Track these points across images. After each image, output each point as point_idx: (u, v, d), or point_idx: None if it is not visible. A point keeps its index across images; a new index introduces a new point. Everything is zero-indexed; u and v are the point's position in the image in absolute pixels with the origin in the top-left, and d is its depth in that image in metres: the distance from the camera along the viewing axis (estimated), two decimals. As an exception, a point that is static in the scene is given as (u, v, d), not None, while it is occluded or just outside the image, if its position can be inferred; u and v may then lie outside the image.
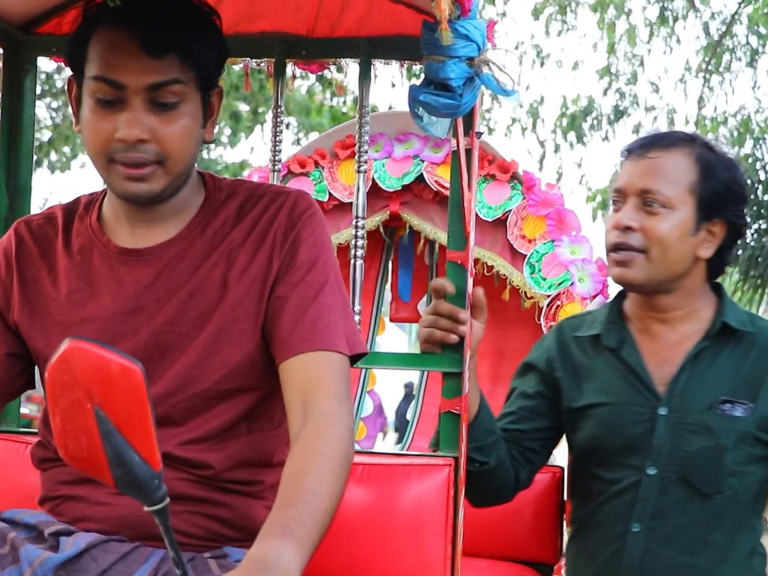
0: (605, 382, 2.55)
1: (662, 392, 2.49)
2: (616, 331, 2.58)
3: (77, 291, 1.99)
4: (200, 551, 1.93)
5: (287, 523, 1.59)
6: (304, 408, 1.81)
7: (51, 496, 2.00)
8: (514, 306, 4.23)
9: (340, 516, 2.28)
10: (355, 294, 2.42)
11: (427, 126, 2.08)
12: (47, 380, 1.44)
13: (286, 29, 2.51)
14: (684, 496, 2.45)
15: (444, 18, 1.83)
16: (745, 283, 13.69)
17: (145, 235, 1.99)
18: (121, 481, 1.45)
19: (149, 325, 1.94)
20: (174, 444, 1.91)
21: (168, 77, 1.84)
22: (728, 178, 2.50)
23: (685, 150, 2.50)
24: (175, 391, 1.93)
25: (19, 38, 2.56)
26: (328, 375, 1.86)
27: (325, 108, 13.99)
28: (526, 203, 4.08)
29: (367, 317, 4.80)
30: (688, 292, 2.54)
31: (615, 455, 2.50)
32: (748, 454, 2.45)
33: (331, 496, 1.68)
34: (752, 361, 2.50)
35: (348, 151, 4.27)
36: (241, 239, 1.96)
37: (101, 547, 1.88)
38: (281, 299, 1.91)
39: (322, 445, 1.74)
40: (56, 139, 13.78)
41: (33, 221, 2.08)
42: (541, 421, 2.61)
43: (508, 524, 3.42)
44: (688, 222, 2.47)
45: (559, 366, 2.62)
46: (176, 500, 1.87)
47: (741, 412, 2.45)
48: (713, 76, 14.51)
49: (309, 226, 1.95)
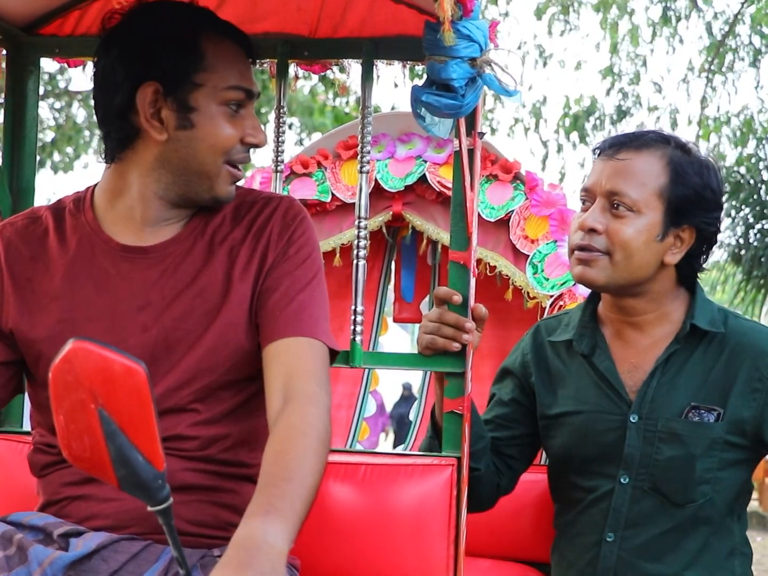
0: (578, 389, 2.52)
1: (633, 399, 2.46)
2: (589, 336, 2.54)
3: (81, 288, 2.02)
4: (210, 546, 1.97)
5: (271, 501, 1.63)
6: (285, 389, 1.87)
7: (55, 499, 2.01)
8: (516, 306, 4.22)
9: (343, 516, 2.30)
10: (357, 294, 2.42)
11: (429, 126, 2.08)
12: (51, 381, 1.44)
13: (288, 30, 2.52)
14: (656, 505, 2.42)
15: (446, 18, 1.83)
16: (748, 283, 13.69)
17: (145, 233, 2.05)
18: (125, 481, 1.46)
19: (158, 321, 2.00)
20: (185, 426, 1.98)
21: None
22: (699, 184, 2.42)
23: (657, 152, 2.43)
24: (183, 385, 1.99)
25: (22, 39, 2.56)
26: (309, 359, 1.93)
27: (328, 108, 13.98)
28: (529, 203, 4.07)
29: (369, 318, 4.79)
30: (656, 296, 2.48)
31: (589, 463, 2.48)
32: (719, 460, 2.41)
33: (313, 473, 1.73)
34: (722, 364, 2.45)
35: (351, 152, 4.26)
36: (241, 237, 2.05)
37: (112, 547, 1.90)
38: (269, 290, 2.01)
39: (303, 425, 1.80)
40: (59, 139, 13.78)
41: (17, 222, 2.11)
42: (518, 429, 2.60)
43: (510, 524, 3.41)
44: (654, 227, 2.41)
45: (534, 371, 2.60)
46: (186, 490, 1.93)
47: (710, 418, 2.41)
48: (716, 76, 14.51)
49: (301, 227, 2.06)
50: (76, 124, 13.75)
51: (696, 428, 2.40)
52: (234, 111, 2.01)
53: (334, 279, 4.57)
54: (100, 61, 2.01)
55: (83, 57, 2.63)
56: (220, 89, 1.99)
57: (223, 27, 2.03)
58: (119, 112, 1.98)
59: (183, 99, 1.97)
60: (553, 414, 2.55)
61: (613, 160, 2.44)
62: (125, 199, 2.05)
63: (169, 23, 1.98)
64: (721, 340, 2.47)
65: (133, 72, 1.96)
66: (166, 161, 2.00)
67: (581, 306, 2.62)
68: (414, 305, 4.82)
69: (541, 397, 2.57)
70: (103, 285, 2.02)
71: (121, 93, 1.97)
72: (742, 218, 13.59)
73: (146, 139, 2.00)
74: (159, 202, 2.04)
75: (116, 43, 1.98)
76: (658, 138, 2.47)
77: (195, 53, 1.97)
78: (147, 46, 1.96)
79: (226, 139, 2.00)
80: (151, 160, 2.01)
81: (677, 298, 2.51)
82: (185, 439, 1.98)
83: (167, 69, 1.95)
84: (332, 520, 2.31)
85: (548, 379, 2.58)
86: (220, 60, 1.99)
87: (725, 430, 2.41)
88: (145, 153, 2.01)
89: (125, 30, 2.00)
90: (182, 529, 1.92)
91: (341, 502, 2.32)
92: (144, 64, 1.95)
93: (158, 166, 2.01)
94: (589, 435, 2.48)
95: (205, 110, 1.98)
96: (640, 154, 2.43)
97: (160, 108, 1.97)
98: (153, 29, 1.97)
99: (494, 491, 2.56)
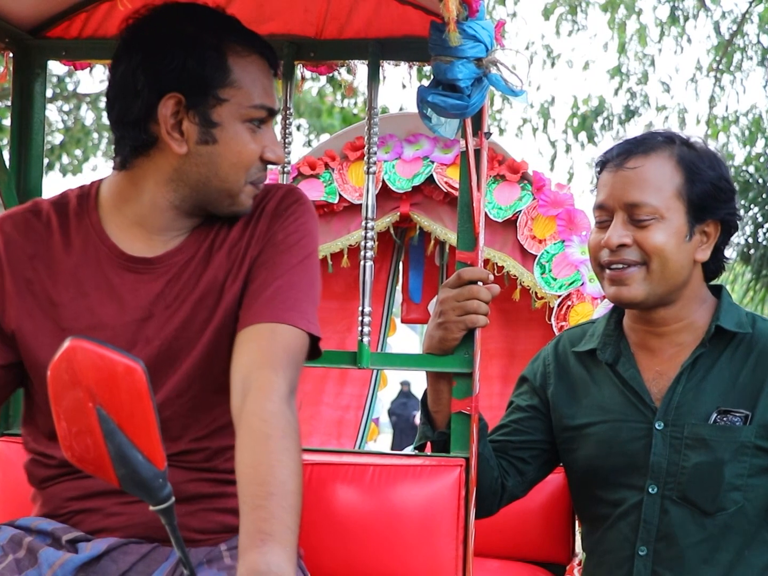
0: (603, 399, 2.48)
1: (658, 406, 2.41)
2: (613, 344, 2.50)
3: (84, 296, 1.98)
4: (215, 543, 1.97)
5: (261, 527, 1.59)
6: (243, 382, 1.81)
7: (58, 513, 1.99)
8: (524, 306, 4.22)
9: (352, 517, 2.30)
10: (365, 295, 2.42)
11: (435, 127, 2.08)
12: (49, 379, 1.44)
13: (294, 31, 2.52)
14: (686, 515, 2.36)
15: (452, 19, 1.83)
16: (757, 282, 13.66)
17: (152, 242, 2.00)
18: (125, 480, 1.45)
19: (161, 333, 1.97)
20: (189, 440, 1.97)
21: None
22: (714, 176, 2.38)
23: (665, 153, 2.38)
24: (182, 392, 1.96)
25: (29, 42, 2.56)
26: (270, 345, 1.86)
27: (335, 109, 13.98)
28: (536, 203, 4.07)
29: (377, 319, 4.80)
30: (687, 301, 2.43)
31: (615, 475, 2.43)
32: (750, 466, 2.35)
33: (291, 476, 1.68)
34: (750, 367, 2.39)
35: (358, 153, 4.27)
36: (238, 236, 2.00)
37: (121, 549, 1.90)
38: (252, 280, 1.96)
39: (263, 426, 1.73)
40: (68, 142, 13.78)
41: (17, 215, 2.04)
42: (532, 435, 2.56)
43: (519, 524, 3.41)
44: (681, 229, 2.36)
45: (554, 382, 2.56)
46: (191, 500, 1.93)
47: (738, 421, 2.35)
48: (724, 75, 14.48)
49: (294, 214, 2.01)
50: (85, 127, 13.76)
51: (723, 432, 2.35)
52: (256, 127, 1.97)
53: (341, 280, 4.58)
54: (120, 65, 1.94)
55: (90, 59, 2.64)
56: (244, 107, 1.94)
57: (248, 38, 1.98)
58: (136, 120, 1.92)
59: (206, 113, 1.92)
60: (577, 425, 2.50)
61: (623, 170, 2.38)
62: (134, 206, 1.99)
63: (194, 32, 1.92)
64: (749, 341, 2.42)
65: (155, 81, 1.90)
66: (184, 174, 1.95)
67: (606, 316, 2.58)
68: (422, 306, 4.82)
69: (563, 409, 2.53)
70: (108, 295, 1.98)
71: (140, 100, 1.91)
72: (751, 217, 13.56)
73: (164, 149, 1.94)
74: (172, 212, 1.99)
75: (139, 48, 1.92)
76: (663, 138, 2.42)
77: (221, 67, 1.92)
78: (172, 55, 1.90)
79: (248, 156, 1.96)
80: (168, 171, 1.96)
81: (704, 303, 2.46)
82: (190, 453, 1.97)
83: (192, 82, 1.90)
84: (341, 521, 2.31)
85: (571, 389, 2.54)
86: (246, 76, 1.95)
87: (755, 434, 2.34)
88: (161, 163, 1.96)
89: (148, 35, 1.93)
90: (189, 537, 1.92)
91: (350, 503, 2.32)
92: (168, 74, 1.89)
93: (176, 178, 1.96)
94: (614, 445, 2.43)
95: (228, 126, 1.94)
96: (649, 158, 2.38)
97: (181, 120, 1.92)
98: (178, 37, 1.91)
99: (499, 495, 2.52)
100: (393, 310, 5.06)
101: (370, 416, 4.89)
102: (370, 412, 4.88)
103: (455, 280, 2.31)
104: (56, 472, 1.97)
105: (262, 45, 1.99)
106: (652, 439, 2.39)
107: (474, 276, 2.29)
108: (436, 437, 2.45)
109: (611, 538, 2.45)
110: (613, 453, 2.43)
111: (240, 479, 1.69)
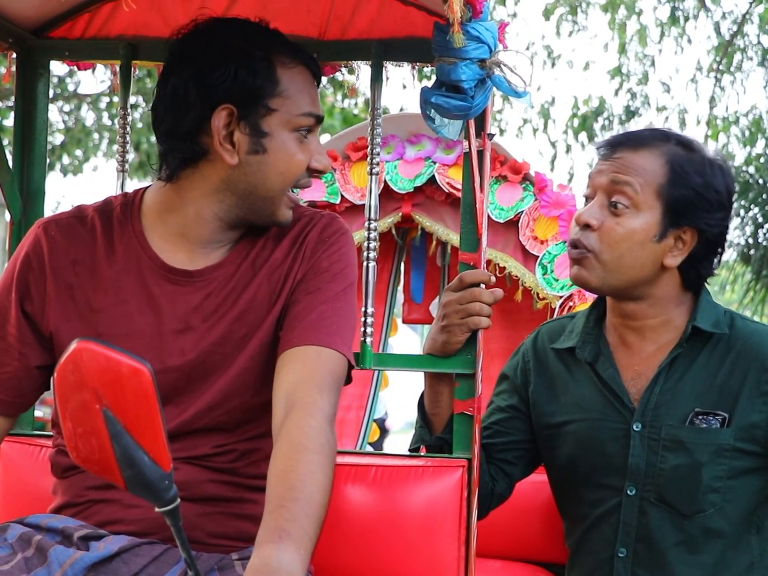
0: (582, 397, 2.47)
1: (636, 407, 2.40)
2: (592, 342, 2.48)
3: (124, 304, 2.00)
4: (229, 551, 1.97)
5: (282, 526, 1.61)
6: (286, 399, 1.85)
7: (77, 501, 2.01)
8: (526, 307, 4.22)
9: (354, 517, 2.30)
10: (367, 296, 2.42)
11: (438, 128, 2.09)
12: (55, 381, 1.45)
13: (297, 32, 2.52)
14: (664, 516, 2.36)
15: (456, 20, 1.84)
16: (757, 283, 13.64)
17: (194, 254, 2.03)
18: (131, 481, 1.46)
19: (197, 346, 1.99)
20: (216, 444, 1.99)
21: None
22: (700, 184, 2.34)
23: (656, 150, 2.36)
24: (215, 405, 1.99)
25: (32, 42, 2.57)
26: (316, 368, 1.90)
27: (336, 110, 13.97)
28: (538, 204, 4.07)
29: (379, 319, 4.80)
30: (659, 300, 2.41)
31: (594, 474, 2.43)
32: (729, 468, 2.34)
33: (320, 489, 1.71)
34: (728, 367, 2.38)
35: (360, 153, 4.27)
36: (281, 258, 2.04)
37: (133, 551, 1.91)
38: (294, 303, 1.99)
39: (303, 438, 1.77)
40: (69, 142, 13.78)
41: (62, 220, 2.07)
42: (514, 435, 2.54)
43: (521, 525, 3.41)
44: (651, 227, 2.33)
45: (534, 378, 2.55)
46: (209, 502, 1.95)
47: (716, 423, 2.34)
48: (724, 75, 14.47)
49: (337, 243, 2.05)
50: (86, 127, 13.75)
51: (701, 434, 2.34)
52: (303, 136, 2.01)
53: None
54: (170, 79, 1.97)
55: (93, 60, 2.64)
56: (293, 116, 1.99)
57: (294, 49, 2.03)
58: (187, 132, 1.96)
59: (256, 123, 1.96)
60: (556, 422, 2.49)
61: (611, 159, 2.38)
62: (178, 216, 2.03)
63: (242, 45, 1.97)
64: (727, 342, 2.40)
65: (208, 93, 1.94)
66: (232, 184, 1.99)
67: (585, 312, 2.56)
68: (423, 306, 4.83)
69: (543, 406, 2.52)
70: (147, 304, 2.00)
71: (192, 113, 1.95)
72: (751, 218, 13.55)
73: (213, 161, 1.98)
74: (216, 224, 2.02)
75: (190, 62, 1.96)
76: (658, 136, 2.40)
77: (271, 78, 1.96)
78: (224, 67, 1.94)
79: (297, 166, 2.00)
80: (216, 181, 1.99)
81: (682, 304, 2.44)
82: (215, 456, 1.99)
83: (243, 93, 1.94)
84: (343, 521, 2.31)
85: (551, 386, 2.53)
86: (294, 86, 1.99)
87: (734, 437, 2.34)
88: (210, 174, 1.99)
89: (198, 49, 1.98)
90: (202, 540, 1.94)
91: (352, 503, 2.32)
92: (220, 86, 1.94)
93: (223, 188, 2.00)
94: (593, 444, 2.42)
95: (277, 136, 1.98)
96: (639, 151, 2.37)
97: (232, 131, 1.96)
98: (228, 50, 1.96)
99: (488, 497, 2.51)
100: (394, 311, 5.06)
101: (372, 416, 4.89)
102: (371, 412, 4.89)
103: (457, 284, 2.32)
104: None
105: (306, 56, 2.04)
106: (630, 440, 2.38)
107: (476, 278, 2.30)
108: (433, 441, 2.45)
109: (593, 539, 2.45)
110: (591, 452, 2.43)
111: (270, 481, 1.72)
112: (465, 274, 2.31)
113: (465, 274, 2.31)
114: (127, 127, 2.60)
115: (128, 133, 2.61)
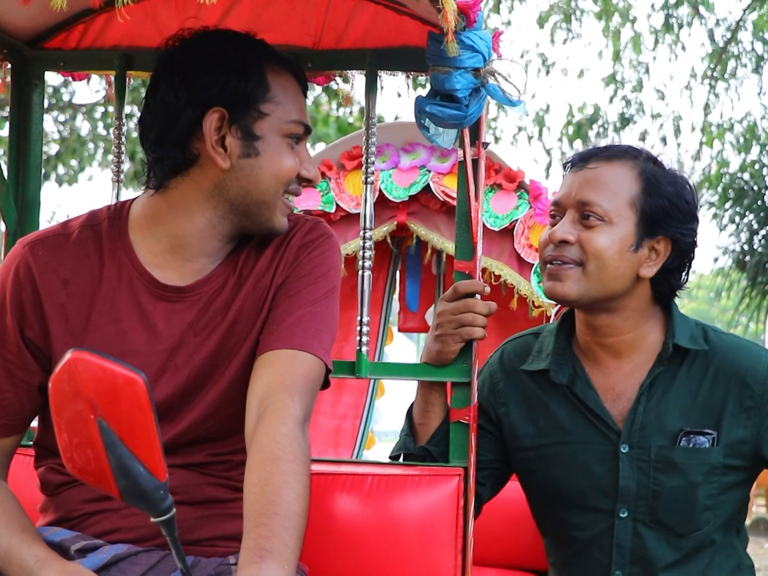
0: (562, 419, 2.43)
1: (622, 428, 2.37)
2: (566, 364, 2.44)
3: (117, 322, 2.00)
4: (228, 553, 1.98)
5: (261, 544, 1.61)
6: (258, 404, 1.85)
7: (72, 516, 2.00)
8: (521, 315, 4.22)
9: (351, 526, 2.30)
10: (363, 304, 2.42)
11: (433, 137, 2.09)
12: (50, 391, 1.45)
13: (292, 42, 2.52)
14: (660, 537, 2.36)
15: (450, 29, 1.84)
16: (753, 290, 13.69)
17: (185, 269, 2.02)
18: (127, 492, 1.46)
19: (190, 361, 2.00)
20: (210, 453, 2.00)
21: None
22: (673, 193, 2.35)
23: (628, 163, 2.37)
24: (208, 417, 2.00)
25: (27, 53, 2.57)
26: (289, 372, 1.90)
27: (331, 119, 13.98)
28: (533, 212, 4.08)
29: (375, 327, 4.81)
30: (632, 314, 2.39)
31: (580, 497, 2.40)
32: (719, 485, 2.35)
33: (297, 498, 1.71)
34: (709, 383, 2.37)
35: (355, 162, 4.27)
36: (266, 266, 2.03)
37: (130, 559, 1.91)
38: (274, 307, 2.00)
39: (275, 447, 1.77)
40: (64, 152, 13.76)
41: (48, 239, 2.04)
42: (482, 455, 2.47)
43: (517, 533, 3.41)
44: (628, 237, 2.32)
45: (507, 401, 2.50)
46: (206, 504, 1.96)
47: (705, 442, 2.34)
48: (719, 82, 14.50)
49: (320, 248, 2.05)
50: (81, 137, 13.74)
51: (692, 455, 2.33)
52: (294, 143, 2.02)
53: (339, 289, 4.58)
54: (160, 88, 1.97)
55: (87, 70, 2.64)
56: (283, 122, 1.99)
57: (282, 58, 2.04)
58: (178, 138, 1.96)
59: (248, 127, 1.96)
60: (536, 445, 2.45)
61: (582, 171, 2.37)
62: (169, 228, 2.01)
63: (233, 52, 1.98)
64: (704, 357, 2.39)
65: (198, 97, 1.94)
66: (225, 189, 1.98)
67: (552, 330, 2.52)
68: (419, 315, 4.83)
69: (520, 428, 2.48)
70: (140, 323, 2.00)
71: (183, 118, 1.94)
72: (747, 224, 13.60)
73: (204, 166, 1.98)
74: (208, 232, 2.01)
75: (180, 68, 1.96)
76: (629, 149, 2.41)
77: (261, 83, 1.97)
78: (214, 71, 1.94)
79: (288, 169, 2.00)
80: (208, 187, 1.98)
81: (653, 317, 2.42)
82: (210, 464, 2.00)
83: (235, 96, 1.94)
84: (340, 530, 2.31)
85: (527, 407, 2.48)
86: (284, 93, 2.00)
87: (723, 454, 2.34)
88: (201, 180, 1.98)
89: (188, 56, 1.98)
90: (202, 543, 1.94)
91: (348, 512, 2.32)
92: (211, 89, 1.94)
93: (216, 194, 1.99)
94: (577, 467, 2.40)
95: (269, 140, 1.98)
96: (611, 163, 2.37)
97: (224, 135, 1.95)
98: (219, 56, 1.96)
99: None
100: (390, 319, 5.06)
101: (368, 425, 4.89)
102: (367, 421, 4.89)
103: (452, 294, 2.32)
104: (71, 477, 1.96)
105: (294, 66, 2.06)
106: (619, 462, 2.37)
107: (470, 289, 2.30)
108: (416, 451, 2.44)
109: (583, 563, 2.43)
110: (577, 475, 2.40)
111: (246, 498, 1.71)
112: (459, 284, 2.31)
113: (459, 284, 2.31)
114: (122, 137, 2.60)
115: (123, 143, 2.61)
